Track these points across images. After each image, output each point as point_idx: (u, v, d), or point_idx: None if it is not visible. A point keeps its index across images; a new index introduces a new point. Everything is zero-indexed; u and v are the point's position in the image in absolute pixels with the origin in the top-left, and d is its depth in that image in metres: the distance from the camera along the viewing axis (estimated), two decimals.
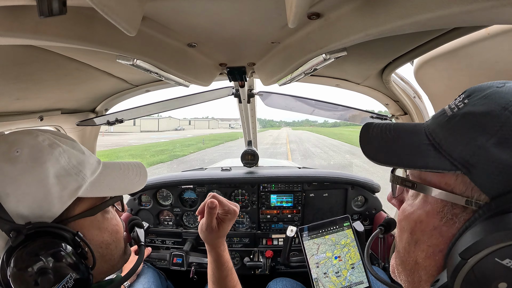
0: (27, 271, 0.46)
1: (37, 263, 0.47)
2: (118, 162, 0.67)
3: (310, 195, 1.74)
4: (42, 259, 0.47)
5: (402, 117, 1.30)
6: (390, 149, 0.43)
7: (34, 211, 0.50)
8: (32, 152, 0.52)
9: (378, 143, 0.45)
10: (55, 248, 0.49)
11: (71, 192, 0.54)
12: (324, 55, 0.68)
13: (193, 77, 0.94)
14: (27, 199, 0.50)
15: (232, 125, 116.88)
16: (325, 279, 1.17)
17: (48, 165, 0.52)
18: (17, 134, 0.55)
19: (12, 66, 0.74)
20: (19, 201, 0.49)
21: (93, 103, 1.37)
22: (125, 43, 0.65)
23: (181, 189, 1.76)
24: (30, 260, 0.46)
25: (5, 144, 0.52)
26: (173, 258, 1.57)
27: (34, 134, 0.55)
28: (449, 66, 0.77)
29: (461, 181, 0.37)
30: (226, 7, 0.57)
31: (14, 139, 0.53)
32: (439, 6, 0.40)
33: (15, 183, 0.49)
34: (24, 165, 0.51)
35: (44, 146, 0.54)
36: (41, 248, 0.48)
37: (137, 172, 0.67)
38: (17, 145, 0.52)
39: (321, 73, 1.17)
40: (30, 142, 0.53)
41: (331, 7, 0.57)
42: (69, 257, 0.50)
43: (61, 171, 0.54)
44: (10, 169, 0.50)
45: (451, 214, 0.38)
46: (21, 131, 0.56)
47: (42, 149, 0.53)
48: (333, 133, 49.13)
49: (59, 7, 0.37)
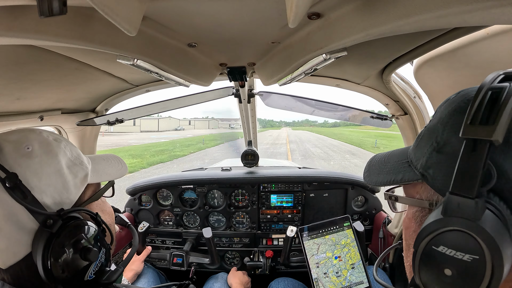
0: (75, 251, 0.52)
1: (80, 243, 0.53)
2: (95, 155, 0.73)
3: (310, 195, 1.74)
4: (83, 239, 0.54)
5: (402, 117, 1.30)
6: (382, 172, 0.50)
7: (56, 199, 0.54)
8: (43, 147, 0.56)
9: (375, 169, 0.52)
10: (87, 228, 0.55)
11: (82, 180, 0.60)
12: (324, 55, 0.68)
13: (193, 77, 0.94)
14: (50, 189, 0.53)
15: (232, 125, 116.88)
16: (325, 279, 1.17)
17: (60, 157, 0.57)
18: (19, 133, 0.56)
19: (12, 66, 0.74)
20: (43, 192, 0.52)
21: (93, 103, 1.37)
22: (125, 43, 0.65)
23: (181, 189, 1.76)
24: (74, 242, 0.52)
25: (10, 144, 0.53)
26: (173, 258, 1.57)
27: (37, 131, 0.58)
28: (448, 66, 0.77)
29: (425, 188, 0.43)
30: (226, 7, 0.57)
31: (19, 138, 0.55)
32: (439, 6, 0.40)
33: (36, 175, 0.52)
34: (40, 159, 0.54)
35: (50, 140, 0.58)
36: (78, 230, 0.54)
37: (118, 161, 0.75)
38: (25, 142, 0.54)
39: (321, 73, 1.17)
40: (37, 138, 0.56)
41: (331, 7, 0.57)
42: (98, 234, 0.58)
43: (69, 162, 0.58)
44: (29, 163, 0.52)
45: (421, 217, 0.44)
46: (20, 130, 0.58)
47: (51, 143, 0.57)
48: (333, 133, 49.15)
49: (59, 7, 0.37)
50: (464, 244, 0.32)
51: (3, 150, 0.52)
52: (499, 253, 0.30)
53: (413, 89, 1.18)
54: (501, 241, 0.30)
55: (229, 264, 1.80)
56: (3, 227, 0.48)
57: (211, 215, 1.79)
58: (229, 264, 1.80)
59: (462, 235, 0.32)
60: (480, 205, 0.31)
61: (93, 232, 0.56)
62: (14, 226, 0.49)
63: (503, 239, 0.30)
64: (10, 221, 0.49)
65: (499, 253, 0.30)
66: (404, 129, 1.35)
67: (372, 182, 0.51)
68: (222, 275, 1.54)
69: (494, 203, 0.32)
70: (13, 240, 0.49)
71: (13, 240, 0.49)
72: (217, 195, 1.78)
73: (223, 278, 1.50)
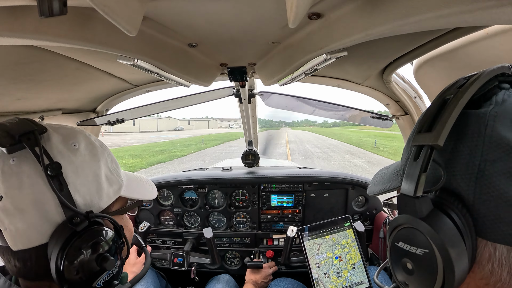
0: (92, 256, 0.50)
1: (99, 249, 0.51)
2: (132, 173, 0.73)
3: (310, 195, 1.74)
4: (103, 246, 0.52)
5: (402, 117, 1.30)
6: (379, 183, 0.52)
7: (87, 201, 0.53)
8: (88, 148, 0.56)
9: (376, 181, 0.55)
10: (110, 237, 0.54)
11: (115, 191, 0.60)
12: (324, 55, 0.68)
13: (193, 77, 0.94)
14: (84, 190, 0.53)
15: (232, 125, 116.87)
16: (325, 279, 1.17)
17: (101, 163, 0.57)
18: (69, 129, 0.57)
19: (13, 66, 0.74)
20: (76, 191, 0.52)
21: (93, 103, 1.37)
22: (125, 43, 0.65)
23: (182, 189, 1.76)
24: (94, 245, 0.51)
25: (59, 135, 0.54)
26: (174, 258, 1.57)
27: (86, 133, 0.59)
28: (449, 66, 0.77)
29: None
30: (226, 7, 0.57)
31: (68, 133, 0.56)
32: (439, 6, 0.40)
33: (76, 172, 0.52)
34: (83, 158, 0.54)
35: (97, 145, 0.59)
36: (101, 236, 0.52)
37: (150, 184, 0.75)
38: (73, 139, 0.55)
39: (322, 73, 1.17)
40: (85, 139, 0.57)
41: (331, 7, 0.57)
42: (118, 246, 0.56)
43: (108, 171, 0.59)
44: (73, 159, 0.53)
45: None
46: (70, 127, 0.58)
47: (96, 148, 0.58)
48: (332, 133, 49.12)
49: (60, 7, 0.37)
50: (414, 239, 0.35)
51: (51, 139, 0.52)
52: (443, 246, 0.32)
53: (414, 89, 1.18)
54: (447, 236, 0.32)
55: (230, 264, 1.80)
56: (27, 210, 0.48)
57: (211, 215, 1.79)
58: (229, 264, 1.80)
59: (412, 231, 0.36)
60: (423, 203, 0.34)
61: (114, 243, 0.55)
62: (39, 213, 0.48)
63: (449, 234, 0.32)
64: (37, 207, 0.48)
65: (443, 246, 0.32)
66: (404, 129, 1.35)
67: (370, 192, 0.55)
68: (224, 276, 1.53)
69: (446, 201, 0.34)
70: (33, 226, 0.48)
71: (33, 226, 0.48)
72: (217, 195, 1.78)
73: (224, 279, 1.50)
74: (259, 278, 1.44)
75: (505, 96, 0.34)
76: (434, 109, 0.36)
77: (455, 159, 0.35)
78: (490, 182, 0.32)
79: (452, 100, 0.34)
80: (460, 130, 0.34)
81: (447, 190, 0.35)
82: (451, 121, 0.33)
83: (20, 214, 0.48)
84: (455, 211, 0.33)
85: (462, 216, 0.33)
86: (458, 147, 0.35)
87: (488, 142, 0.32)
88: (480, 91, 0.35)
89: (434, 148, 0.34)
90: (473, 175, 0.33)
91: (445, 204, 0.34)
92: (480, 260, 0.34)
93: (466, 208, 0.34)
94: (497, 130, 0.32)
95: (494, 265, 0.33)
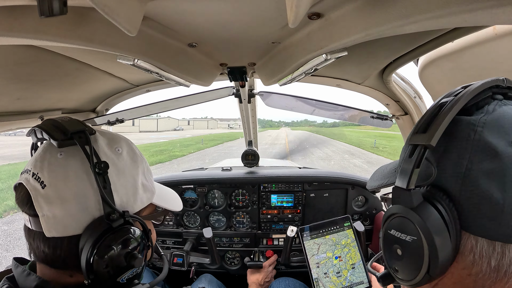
0: (122, 252, 0.53)
1: (130, 246, 0.54)
2: (163, 186, 0.76)
3: (310, 195, 1.74)
4: (133, 244, 0.55)
5: (402, 117, 1.30)
6: (378, 178, 0.56)
7: (123, 202, 0.56)
8: (130, 154, 0.61)
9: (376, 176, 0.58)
10: (140, 237, 0.57)
11: (148, 198, 0.63)
12: (324, 55, 0.68)
13: (193, 77, 0.94)
14: (122, 191, 0.56)
15: (231, 125, 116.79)
16: (325, 279, 1.17)
17: (139, 170, 0.61)
18: (112, 134, 0.61)
19: (12, 66, 0.74)
20: (115, 191, 0.54)
21: (93, 103, 1.37)
22: (125, 43, 0.65)
23: (182, 189, 1.76)
24: (126, 243, 0.53)
25: (105, 138, 0.58)
26: (174, 258, 1.57)
27: (129, 141, 0.63)
28: (455, 67, 0.76)
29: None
30: (226, 7, 0.57)
31: (113, 138, 0.60)
32: (439, 6, 0.40)
33: (117, 174, 0.56)
34: (126, 162, 0.58)
35: (138, 153, 0.63)
36: (133, 235, 0.55)
37: (177, 197, 0.79)
38: (117, 144, 0.59)
39: (322, 73, 1.17)
40: (127, 145, 0.61)
41: (331, 7, 0.57)
42: (144, 248, 0.58)
43: (144, 178, 0.63)
44: (116, 161, 0.57)
45: None
46: (114, 133, 0.62)
47: (137, 155, 0.62)
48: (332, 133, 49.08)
49: (60, 7, 0.37)
50: (404, 227, 0.39)
51: (98, 141, 0.56)
52: (430, 234, 0.36)
53: (414, 89, 1.18)
54: (433, 225, 0.36)
55: (229, 264, 1.80)
56: (69, 201, 0.50)
57: (211, 215, 1.79)
58: (229, 264, 1.80)
59: (403, 220, 0.39)
60: (414, 195, 0.38)
61: (143, 244, 0.58)
62: (80, 205, 0.51)
63: (436, 224, 0.36)
64: (79, 199, 0.51)
65: (429, 234, 0.36)
66: (404, 129, 1.35)
67: (369, 187, 0.58)
68: (206, 276, 1.55)
69: (435, 195, 0.38)
70: (71, 216, 0.51)
71: (71, 216, 0.51)
72: (217, 195, 1.78)
73: (206, 278, 1.52)
74: (261, 278, 1.44)
75: (496, 107, 0.38)
76: (431, 112, 0.40)
77: (445, 159, 0.38)
78: (475, 181, 0.35)
79: (447, 106, 0.38)
80: (452, 134, 0.38)
81: (436, 186, 0.39)
82: (444, 125, 0.37)
83: (61, 203, 0.50)
84: (442, 205, 0.37)
85: (448, 210, 0.37)
86: (449, 148, 0.38)
87: (475, 146, 0.36)
88: (473, 100, 0.38)
89: (427, 147, 0.37)
90: (460, 174, 0.36)
91: (434, 197, 0.38)
92: (463, 251, 0.37)
93: (453, 203, 0.37)
94: (484, 136, 0.36)
95: (475, 256, 0.36)
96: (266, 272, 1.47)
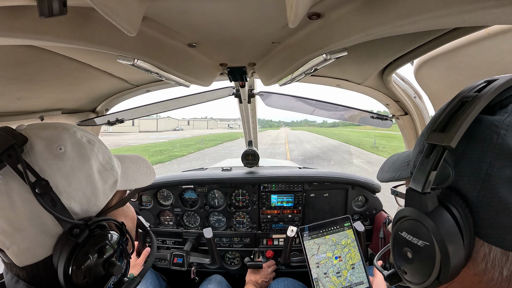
0: (99, 263, 0.50)
1: (104, 255, 0.51)
2: (125, 155, 0.68)
3: (310, 195, 1.74)
4: (107, 251, 0.51)
5: (402, 117, 1.30)
6: (389, 170, 0.54)
7: (84, 206, 0.51)
8: (75, 149, 0.52)
9: (386, 167, 0.56)
10: (113, 239, 0.53)
11: (111, 186, 0.57)
12: (324, 55, 0.68)
13: (193, 77, 0.94)
14: (79, 195, 0.51)
15: (231, 125, 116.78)
16: (325, 279, 1.17)
17: (92, 161, 0.54)
18: (52, 130, 0.52)
19: (12, 66, 0.74)
20: (71, 198, 0.50)
21: (93, 103, 1.37)
22: (125, 43, 0.65)
23: (182, 189, 1.76)
24: (99, 253, 0.50)
25: (42, 141, 0.50)
26: (174, 258, 1.57)
27: (71, 130, 0.55)
28: (449, 66, 0.77)
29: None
30: (226, 7, 0.57)
31: (52, 135, 0.51)
32: (439, 6, 0.40)
33: (67, 180, 0.49)
34: (72, 162, 0.51)
35: (84, 142, 0.54)
36: (104, 241, 0.51)
37: (146, 165, 0.70)
38: (58, 141, 0.51)
39: (322, 73, 1.17)
40: (70, 138, 0.53)
41: (331, 7, 0.57)
42: (122, 245, 0.55)
43: (100, 167, 0.55)
44: (61, 166, 0.49)
45: None
46: (53, 126, 0.54)
47: (84, 146, 0.54)
48: (332, 133, 49.09)
49: (60, 7, 0.37)
50: (417, 231, 0.37)
51: (34, 148, 0.48)
52: (443, 242, 0.34)
53: (414, 89, 1.18)
54: (447, 233, 0.34)
55: (230, 264, 1.80)
56: (26, 228, 0.46)
57: (211, 215, 1.79)
58: (229, 264, 1.80)
59: (416, 223, 0.38)
60: (429, 199, 0.36)
61: (118, 243, 0.54)
62: (38, 228, 0.47)
63: (450, 231, 0.34)
64: (35, 223, 0.47)
65: (443, 242, 0.34)
66: (404, 129, 1.35)
67: (379, 178, 0.55)
68: (216, 276, 1.54)
69: (450, 198, 0.36)
70: (35, 242, 0.48)
71: (35, 242, 0.48)
72: (217, 195, 1.78)
73: (216, 279, 1.50)
74: (259, 278, 1.44)
75: None
76: (451, 109, 0.37)
77: (464, 161, 0.36)
78: (494, 188, 0.33)
79: (469, 104, 0.35)
80: (473, 134, 0.35)
81: (452, 189, 0.37)
82: (466, 125, 0.34)
83: (19, 234, 0.46)
84: (458, 210, 0.35)
85: (464, 215, 0.35)
86: (469, 150, 0.35)
87: (497, 150, 0.33)
88: (498, 97, 0.35)
89: (446, 149, 0.35)
90: (479, 179, 0.34)
91: (449, 201, 0.36)
92: (475, 258, 0.36)
93: (469, 208, 0.35)
94: (507, 141, 0.33)
95: (487, 264, 0.35)
96: (265, 272, 1.47)
